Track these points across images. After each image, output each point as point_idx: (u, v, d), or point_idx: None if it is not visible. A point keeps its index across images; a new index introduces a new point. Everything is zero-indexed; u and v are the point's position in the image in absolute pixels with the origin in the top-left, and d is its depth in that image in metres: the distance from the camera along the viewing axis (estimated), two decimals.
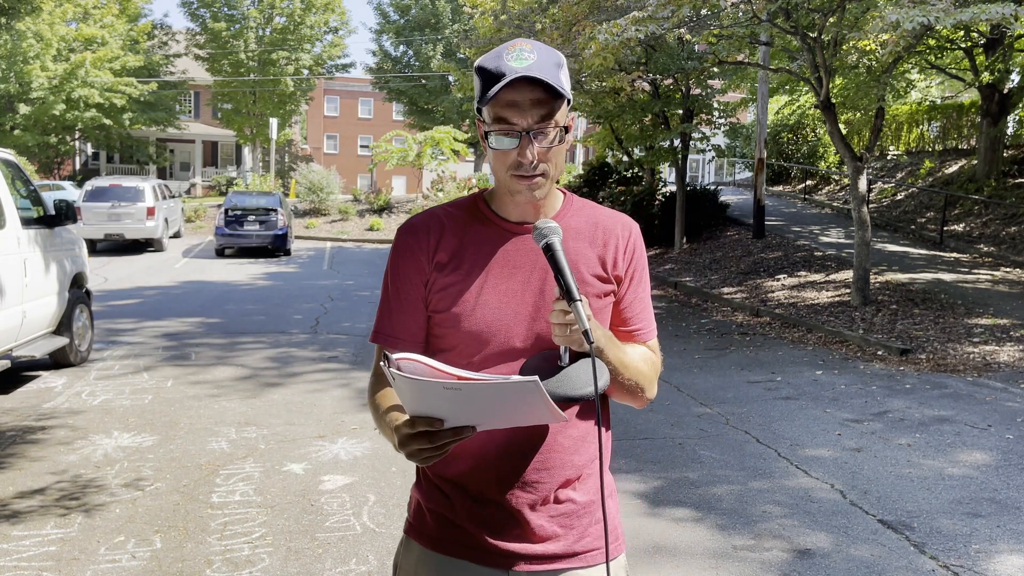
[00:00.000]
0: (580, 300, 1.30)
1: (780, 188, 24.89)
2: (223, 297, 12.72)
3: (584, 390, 1.35)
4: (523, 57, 1.39)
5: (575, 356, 1.38)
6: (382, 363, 1.26)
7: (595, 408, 1.54)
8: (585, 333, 1.29)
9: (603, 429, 1.53)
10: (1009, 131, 18.40)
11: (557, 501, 1.49)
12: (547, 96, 1.39)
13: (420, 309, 1.53)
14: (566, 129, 1.43)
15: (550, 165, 1.44)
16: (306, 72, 36.47)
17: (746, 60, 14.51)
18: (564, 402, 1.35)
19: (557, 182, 1.53)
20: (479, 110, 1.46)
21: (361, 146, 51.76)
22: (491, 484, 1.48)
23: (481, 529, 1.48)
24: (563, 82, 1.41)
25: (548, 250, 1.35)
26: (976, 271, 12.66)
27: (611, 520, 1.56)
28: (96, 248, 18.87)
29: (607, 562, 1.42)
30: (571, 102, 1.47)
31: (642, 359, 1.52)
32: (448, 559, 1.50)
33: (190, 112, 41.29)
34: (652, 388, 1.55)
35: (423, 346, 1.55)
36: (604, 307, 1.52)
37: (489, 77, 1.40)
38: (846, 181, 20.25)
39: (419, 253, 1.52)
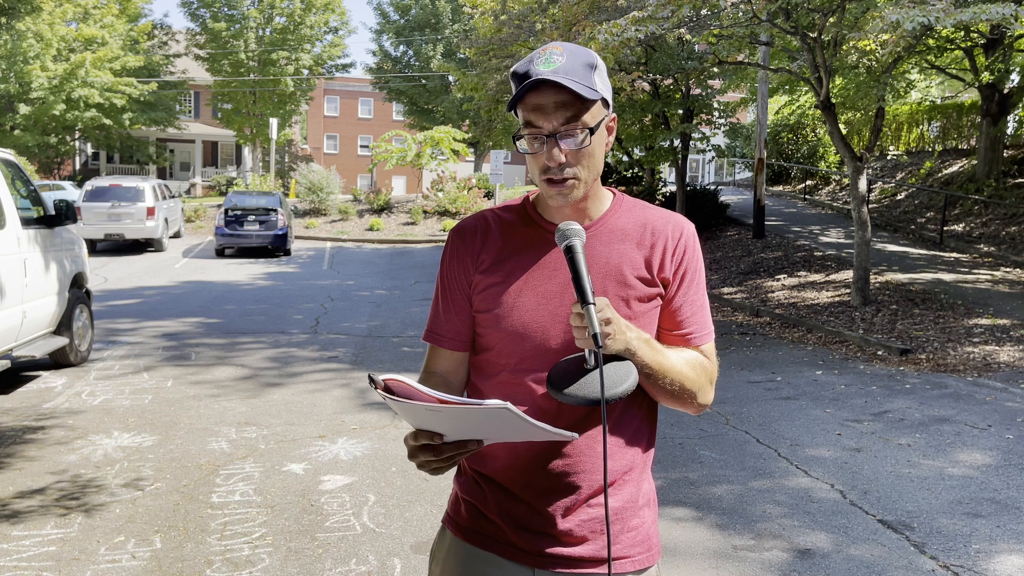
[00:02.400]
0: (592, 304, 1.29)
1: (780, 188, 24.89)
2: (223, 297, 12.72)
3: (608, 393, 1.33)
4: (551, 60, 1.39)
5: (605, 359, 1.36)
6: (370, 384, 1.27)
7: (635, 414, 1.52)
8: (594, 337, 1.27)
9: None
10: (1009, 131, 18.40)
11: (589, 506, 1.48)
12: (572, 98, 1.39)
13: (465, 310, 1.55)
14: (592, 131, 1.41)
15: (580, 168, 1.43)
16: (306, 72, 36.47)
17: (746, 60, 14.52)
18: (588, 405, 1.34)
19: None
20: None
21: (361, 146, 51.76)
22: (523, 484, 1.48)
23: (511, 526, 1.49)
24: (594, 82, 1.41)
25: (568, 252, 1.35)
26: (976, 271, 12.66)
27: (646, 529, 1.54)
28: (96, 248, 18.87)
29: (609, 573, 1.40)
30: (609, 102, 1.46)
31: (688, 363, 1.48)
32: (477, 550, 1.52)
33: (190, 112, 41.30)
34: (705, 393, 1.51)
35: (469, 346, 1.57)
36: (649, 310, 1.49)
37: (519, 82, 1.41)
38: (846, 181, 20.25)
39: (465, 255, 1.54)
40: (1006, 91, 16.24)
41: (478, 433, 1.32)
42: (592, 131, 1.42)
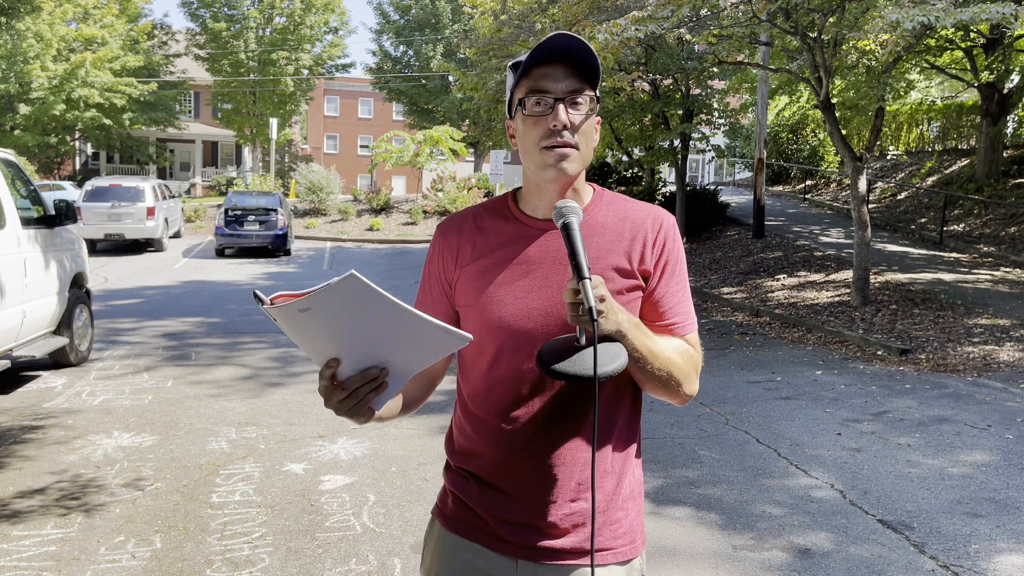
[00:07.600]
0: (589, 279, 1.29)
1: (780, 188, 24.89)
2: (223, 297, 12.72)
3: (599, 370, 1.31)
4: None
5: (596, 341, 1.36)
6: (257, 303, 1.26)
7: (620, 405, 1.52)
8: (589, 310, 1.27)
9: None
10: (1009, 131, 18.39)
11: (572, 499, 1.49)
12: (580, 71, 1.44)
13: (445, 304, 1.59)
14: (592, 110, 1.46)
15: (581, 140, 1.45)
16: (306, 72, 36.48)
17: (746, 60, 14.52)
18: (576, 381, 1.34)
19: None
20: (510, 102, 1.50)
21: (361, 146, 51.78)
22: (507, 480, 1.51)
23: (495, 517, 1.52)
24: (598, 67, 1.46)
25: (564, 229, 1.36)
26: (976, 271, 12.66)
27: (630, 522, 1.55)
28: (96, 248, 18.87)
29: (592, 565, 1.40)
30: (598, 94, 1.49)
31: (676, 351, 1.49)
32: (463, 541, 1.56)
33: (190, 112, 41.30)
34: (690, 383, 1.51)
35: None
36: (629, 302, 1.50)
37: (524, 61, 1.45)
38: (846, 181, 20.25)
39: (446, 252, 1.58)
40: (1006, 91, 16.24)
41: (367, 346, 1.30)
42: (592, 110, 1.46)
